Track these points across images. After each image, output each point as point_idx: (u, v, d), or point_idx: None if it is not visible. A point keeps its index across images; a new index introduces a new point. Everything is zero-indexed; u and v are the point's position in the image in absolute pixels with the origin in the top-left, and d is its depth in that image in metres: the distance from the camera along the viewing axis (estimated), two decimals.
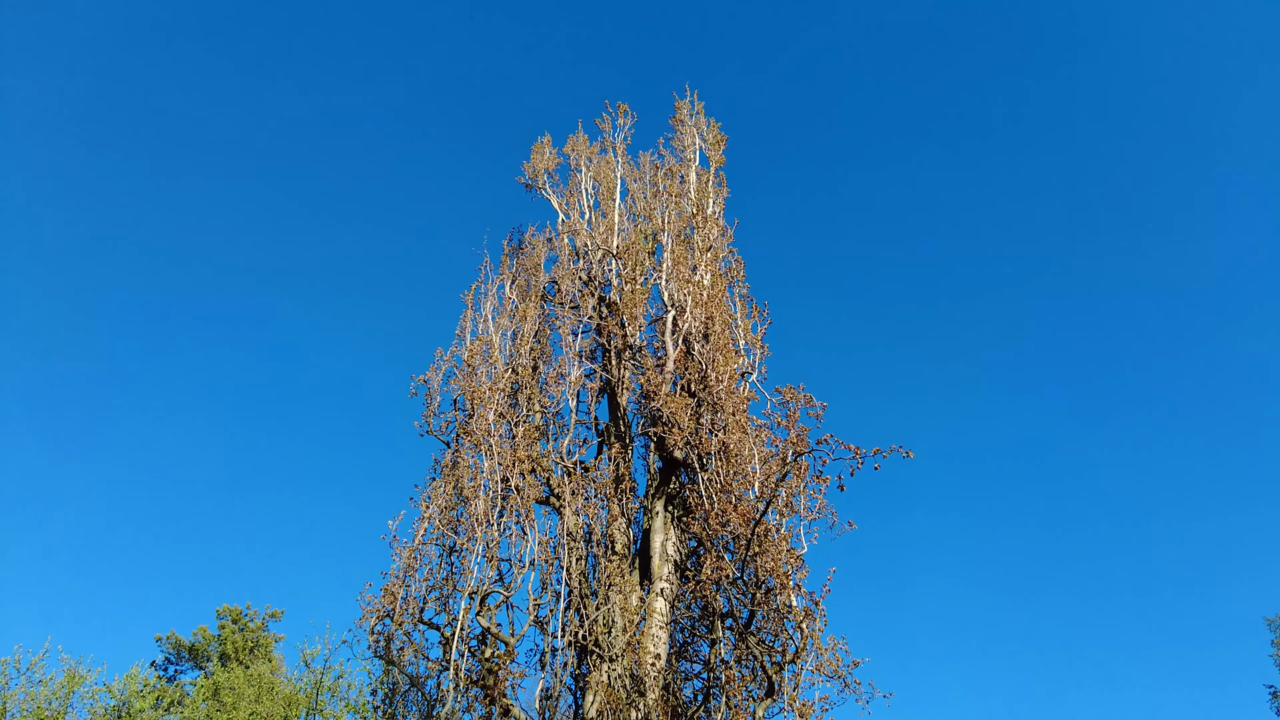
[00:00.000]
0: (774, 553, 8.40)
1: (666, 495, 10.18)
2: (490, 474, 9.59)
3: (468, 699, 7.98)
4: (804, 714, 8.24)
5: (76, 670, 21.10)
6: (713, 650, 8.82)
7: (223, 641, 27.56)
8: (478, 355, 11.27)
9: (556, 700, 8.02)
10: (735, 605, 8.80)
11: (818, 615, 8.60)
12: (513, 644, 8.34)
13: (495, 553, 8.99)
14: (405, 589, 8.67)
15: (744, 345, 11.53)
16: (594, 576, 9.18)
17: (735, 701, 8.35)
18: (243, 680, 18.73)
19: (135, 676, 20.94)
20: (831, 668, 8.68)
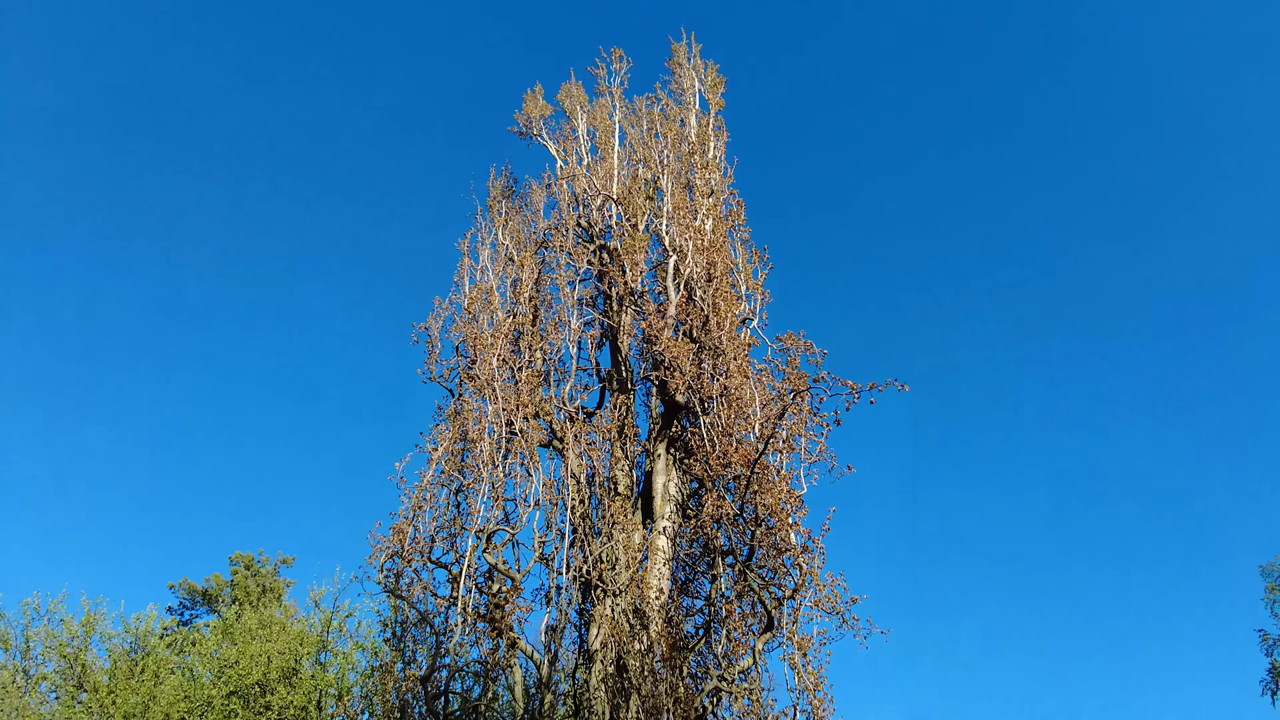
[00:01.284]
0: (773, 491, 8.56)
1: (668, 438, 10.32)
2: (494, 418, 9.71)
3: (475, 632, 8.23)
4: (802, 647, 8.48)
5: (95, 612, 21.69)
6: (714, 586, 9.06)
7: (235, 587, 28.19)
8: (478, 303, 11.29)
9: (561, 633, 8.27)
10: (735, 542, 9.00)
11: (816, 552, 8.80)
12: (519, 580, 8.56)
13: (501, 493, 9.17)
14: (414, 528, 8.87)
15: (745, 291, 11.53)
16: (597, 516, 9.37)
17: (735, 635, 8.60)
18: (255, 621, 19.21)
19: (151, 616, 21.50)
20: (830, 604, 8.91)
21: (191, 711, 17.07)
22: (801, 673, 8.20)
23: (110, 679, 19.57)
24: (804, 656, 8.40)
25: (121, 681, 18.44)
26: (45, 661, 22.30)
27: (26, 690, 22.35)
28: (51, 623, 21.83)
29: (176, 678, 18.96)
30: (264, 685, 17.32)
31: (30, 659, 22.74)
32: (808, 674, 8.23)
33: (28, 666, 22.85)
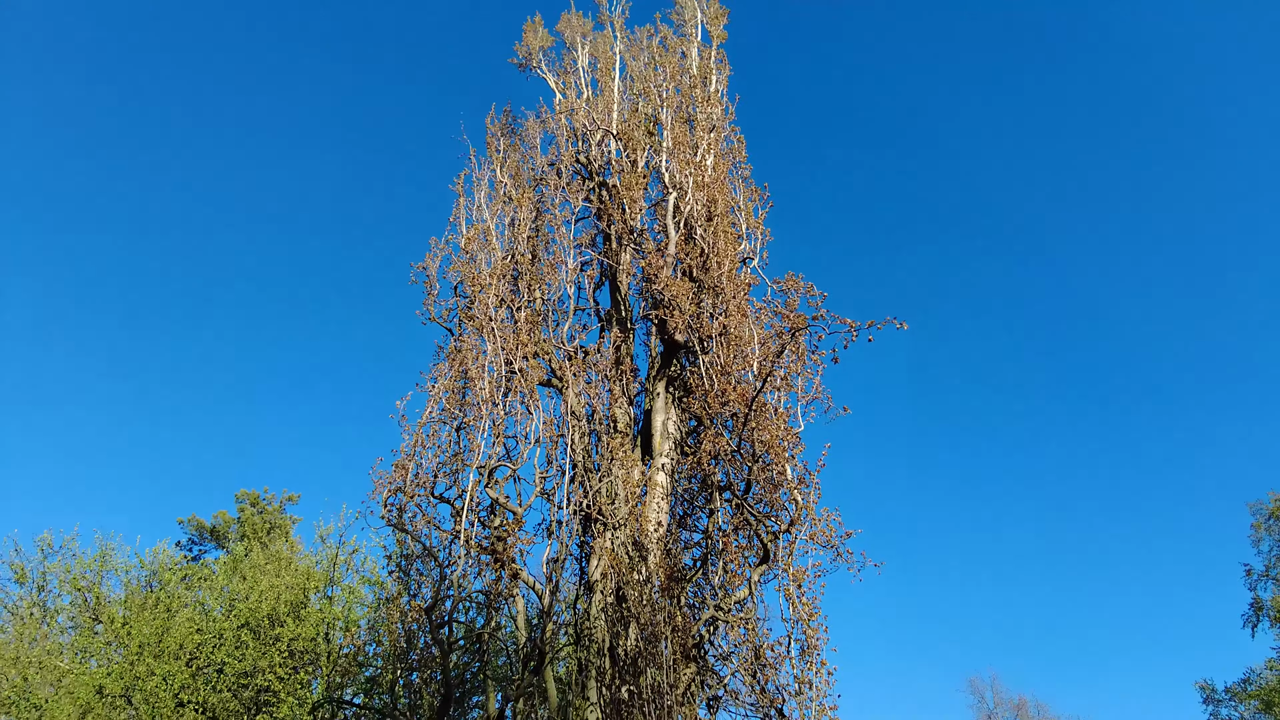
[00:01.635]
0: (770, 428, 8.66)
1: (668, 378, 10.38)
2: (494, 358, 9.75)
3: (478, 564, 8.43)
4: (797, 580, 8.70)
5: (109, 546, 22.18)
6: (711, 520, 9.24)
7: (242, 524, 28.77)
8: (475, 242, 11.21)
9: (562, 564, 8.47)
10: (733, 478, 9.15)
11: (811, 488, 8.96)
12: (520, 514, 8.72)
13: (502, 431, 9.27)
14: (415, 465, 9.00)
15: (745, 229, 11.44)
16: (597, 453, 9.49)
17: (732, 567, 8.81)
18: (262, 557, 19.64)
19: (163, 551, 22.01)
20: (825, 538, 9.11)
21: (204, 644, 17.60)
22: (796, 604, 8.43)
23: (125, 611, 20.13)
24: (799, 588, 8.63)
25: (136, 613, 18.94)
26: (62, 595, 22.93)
27: (45, 622, 23.03)
28: (66, 557, 22.37)
29: (189, 611, 19.49)
30: (273, 618, 17.82)
31: (47, 592, 23.37)
32: (802, 605, 8.46)
33: (45, 600, 23.50)
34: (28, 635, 21.58)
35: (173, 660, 17.03)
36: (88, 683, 17.10)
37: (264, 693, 17.43)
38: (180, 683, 16.79)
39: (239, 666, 17.29)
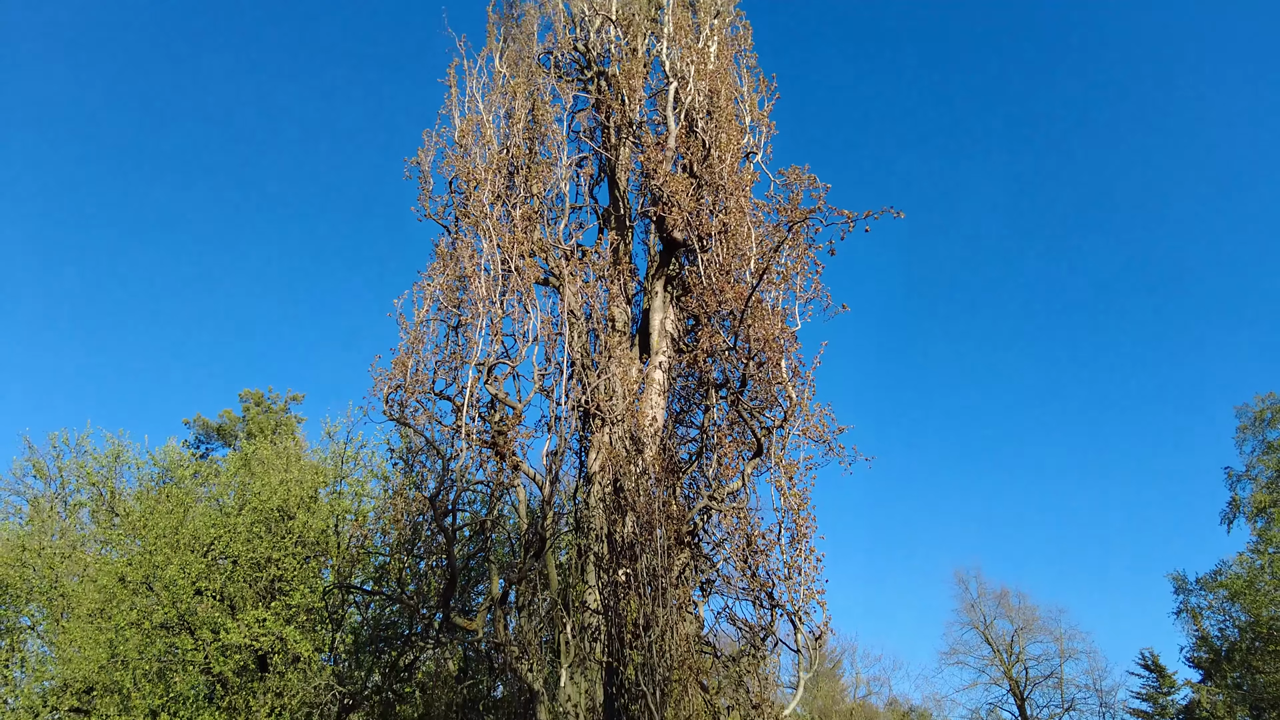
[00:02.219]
0: (767, 324, 8.72)
1: (666, 277, 10.35)
2: (490, 256, 9.69)
3: (480, 457, 8.65)
4: (789, 472, 8.97)
5: (121, 444, 22.69)
6: (706, 416, 9.43)
7: (248, 422, 29.29)
8: (469, 135, 10.91)
9: (561, 457, 8.69)
10: (729, 375, 9.28)
11: (806, 384, 9.11)
12: (520, 409, 8.89)
13: (499, 328, 9.33)
14: (414, 362, 9.09)
15: (749, 122, 11.14)
16: (595, 350, 9.58)
17: (726, 460, 9.06)
18: (270, 454, 20.09)
19: (174, 448, 22.52)
20: (818, 432, 9.33)
21: (219, 537, 18.24)
22: (787, 494, 8.73)
23: (140, 505, 20.78)
24: (790, 480, 8.91)
25: (151, 507, 19.56)
26: (80, 490, 23.63)
27: (65, 515, 23.82)
28: (80, 454, 22.92)
29: (202, 506, 20.11)
30: (284, 511, 18.40)
31: (65, 488, 24.07)
32: (793, 495, 8.75)
33: (65, 495, 24.23)
34: (50, 528, 22.38)
35: (189, 552, 17.70)
36: (111, 572, 17.84)
37: (278, 581, 18.21)
38: (197, 572, 17.52)
39: (252, 557, 17.99)
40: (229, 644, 16.15)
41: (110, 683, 16.11)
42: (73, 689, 16.77)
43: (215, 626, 16.95)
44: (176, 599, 16.81)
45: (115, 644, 16.37)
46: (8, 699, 18.74)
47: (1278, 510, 29.25)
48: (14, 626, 20.82)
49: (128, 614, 16.90)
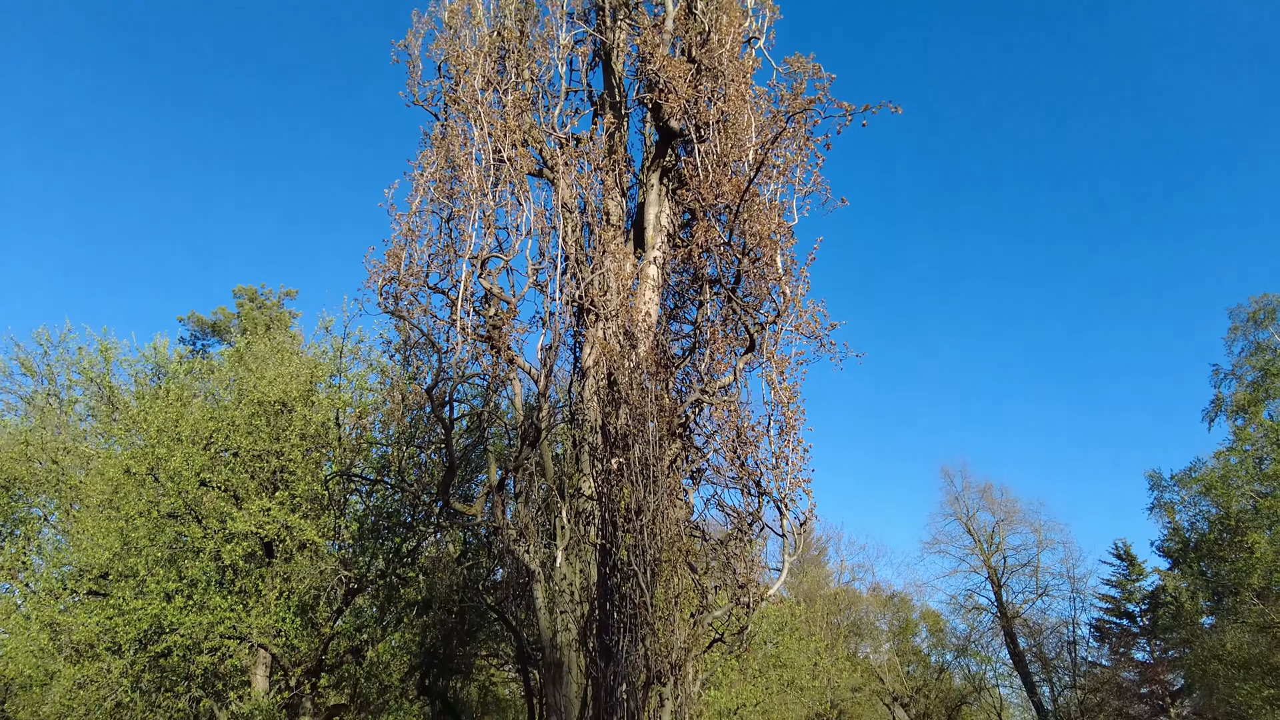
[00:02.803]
0: (763, 219, 8.65)
1: (662, 168, 10.16)
2: (481, 145, 9.46)
3: (475, 351, 8.74)
4: (780, 367, 9.10)
5: (109, 340, 22.69)
6: (700, 312, 9.47)
7: (242, 318, 29.30)
8: (459, 15, 10.43)
9: (556, 351, 8.78)
10: (723, 270, 9.27)
11: (800, 280, 9.12)
12: (514, 303, 8.91)
13: (492, 221, 9.22)
14: (408, 255, 9.03)
15: (751, 5, 10.66)
16: (589, 245, 9.51)
17: (718, 355, 9.17)
18: (267, 348, 20.17)
19: (165, 344, 22.57)
20: (810, 329, 9.41)
21: (219, 430, 18.53)
22: (777, 389, 8.89)
23: (138, 400, 21.01)
24: (781, 375, 9.05)
25: (149, 402, 19.79)
26: (74, 387, 23.79)
27: (61, 411, 24.08)
28: (68, 351, 22.98)
29: (200, 400, 20.33)
30: (284, 404, 18.65)
31: (56, 384, 24.23)
32: (783, 390, 8.92)
33: (57, 391, 24.41)
34: (50, 423, 22.67)
35: (189, 445, 18.04)
36: (116, 464, 18.23)
37: (280, 473, 18.67)
38: (200, 465, 17.92)
39: (254, 450, 18.37)
40: (236, 532, 16.73)
41: (124, 569, 16.77)
42: (89, 574, 17.47)
43: (222, 516, 17.51)
44: (182, 490, 17.29)
45: (126, 532, 16.94)
46: (29, 583, 19.54)
47: (1257, 409, 29.90)
48: (27, 517, 21.46)
49: (136, 504, 17.41)
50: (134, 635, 15.61)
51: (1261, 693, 27.19)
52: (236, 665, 17.31)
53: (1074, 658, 43.18)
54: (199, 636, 15.71)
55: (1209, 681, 31.33)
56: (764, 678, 22.47)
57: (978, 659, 45.60)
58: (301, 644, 17.29)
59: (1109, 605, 53.09)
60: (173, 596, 16.25)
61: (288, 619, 16.64)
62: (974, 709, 48.36)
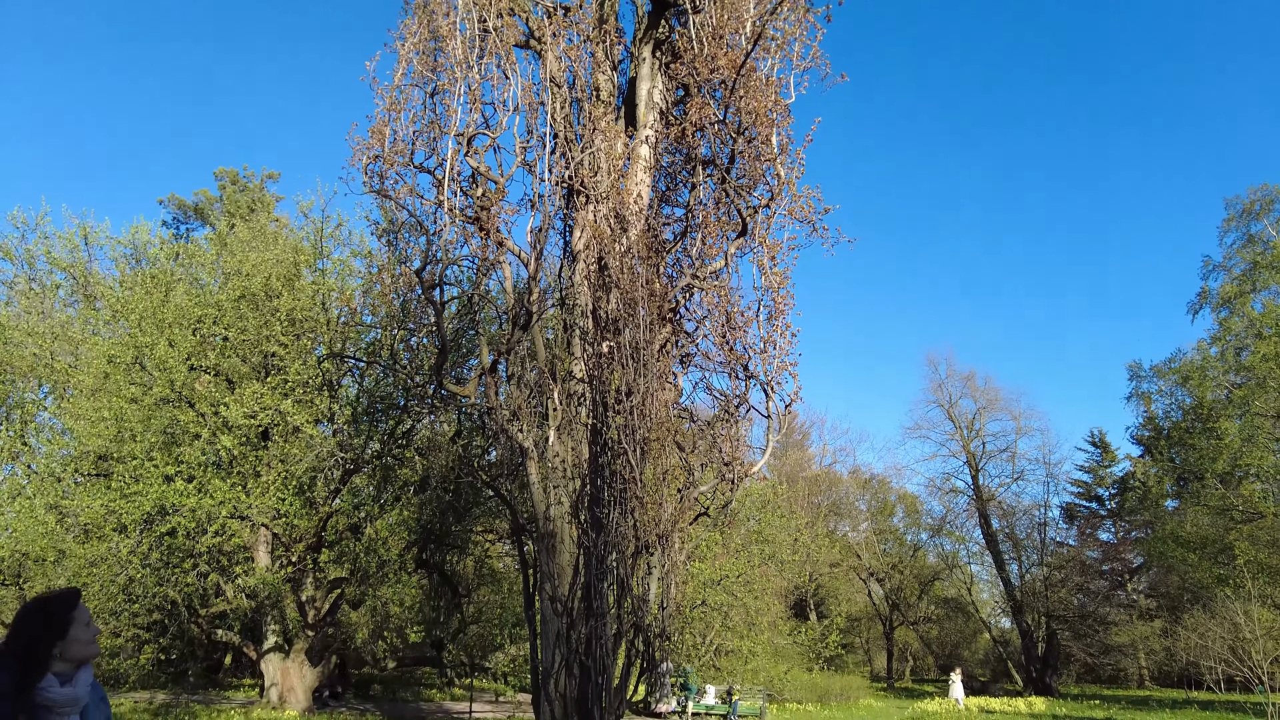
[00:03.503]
0: (759, 96, 8.37)
1: (655, 40, 9.71)
2: (465, 13, 8.98)
3: (463, 233, 8.61)
4: (771, 252, 9.05)
5: (87, 223, 22.18)
6: (692, 194, 9.31)
7: (224, 201, 28.59)
8: None
9: (545, 234, 8.67)
10: (717, 151, 9.04)
11: (795, 163, 8.93)
12: (502, 184, 8.71)
13: (478, 96, 8.89)
14: (392, 131, 8.74)
15: None
16: (579, 122, 9.21)
17: (710, 240, 9.08)
18: (249, 233, 19.81)
19: (145, 228, 22.09)
20: (803, 213, 9.29)
21: (204, 318, 18.44)
22: (768, 273, 8.87)
23: (119, 287, 20.77)
24: (772, 260, 9.01)
25: (130, 289, 19.57)
26: (54, 271, 23.42)
27: (44, 297, 23.82)
28: (47, 236, 22.47)
29: (184, 285, 20.11)
30: (269, 290, 18.51)
31: (37, 269, 23.82)
32: (774, 275, 8.90)
33: (39, 276, 24.05)
34: (33, 309, 22.44)
35: (174, 331, 17.99)
36: (100, 353, 18.21)
37: (270, 358, 18.75)
38: (187, 349, 17.93)
39: (243, 336, 18.37)
40: (230, 420, 16.96)
41: (121, 454, 17.07)
42: (89, 458, 17.79)
43: (215, 402, 17.70)
44: (171, 376, 17.37)
45: (120, 419, 17.14)
46: (31, 464, 19.89)
47: (1244, 300, 30.18)
48: (21, 400, 21.58)
49: (125, 391, 17.53)
50: (138, 517, 16.09)
51: (1214, 571, 28.83)
52: (240, 544, 17.95)
53: (1043, 538, 45.39)
54: (202, 518, 16.21)
55: (1166, 560, 33.15)
56: (746, 552, 23.59)
57: (952, 538, 47.90)
58: (301, 522, 17.91)
59: (1080, 490, 55.32)
60: (172, 479, 16.64)
61: (287, 499, 17.15)
62: (945, 584, 51.22)
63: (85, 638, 2.68)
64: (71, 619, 2.63)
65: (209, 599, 19.18)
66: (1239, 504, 28.62)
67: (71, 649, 2.64)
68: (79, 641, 2.67)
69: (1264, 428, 27.10)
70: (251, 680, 25.40)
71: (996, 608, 48.84)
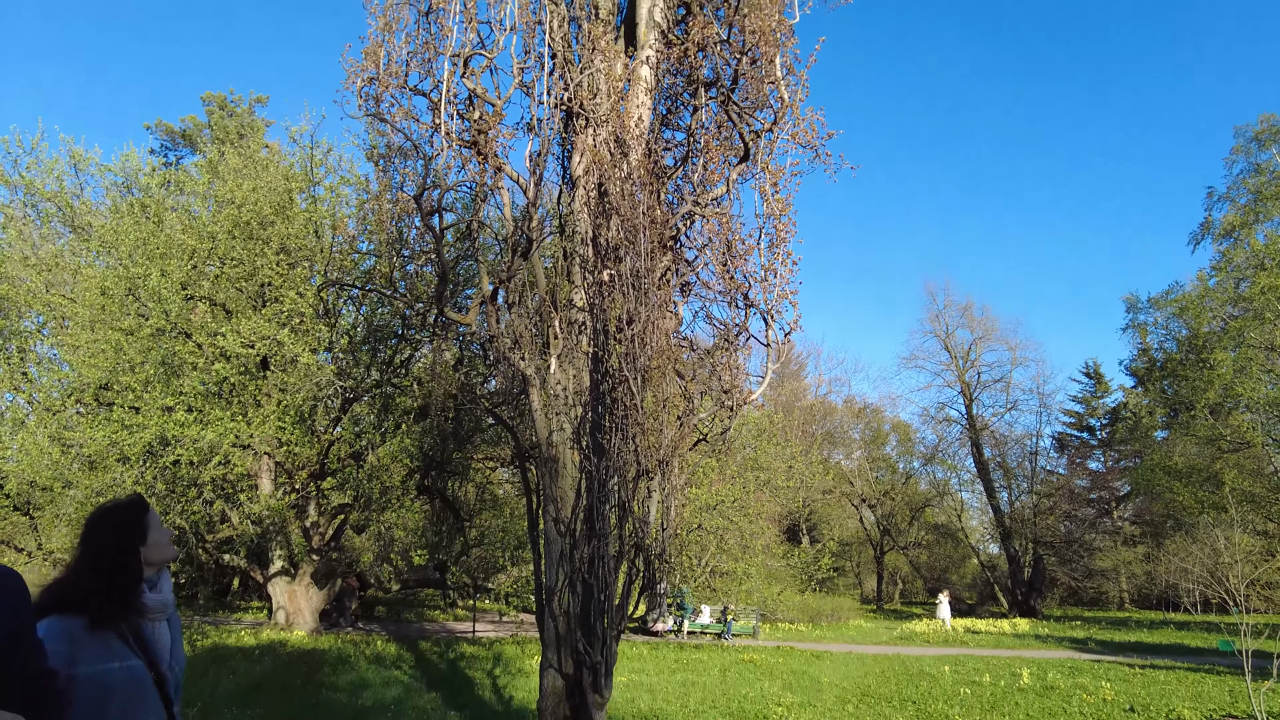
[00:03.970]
0: (763, 14, 8.12)
1: None
2: None
3: (460, 157, 8.46)
4: (774, 178, 8.92)
5: (78, 152, 21.71)
6: (694, 118, 9.12)
7: (213, 127, 27.90)
8: None
9: (544, 159, 8.52)
10: (720, 72, 8.82)
11: (799, 84, 8.72)
12: (499, 106, 8.51)
13: (473, 15, 8.59)
14: (386, 53, 8.49)
15: None
16: (577, 42, 8.93)
17: (711, 165, 8.94)
18: (239, 160, 19.43)
19: (135, 156, 21.64)
20: (807, 138, 9.12)
21: (199, 248, 18.25)
22: (770, 200, 8.76)
23: (110, 216, 20.46)
24: (774, 187, 8.89)
25: (120, 219, 19.28)
26: (43, 200, 23.02)
27: (39, 224, 23.48)
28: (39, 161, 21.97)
29: (175, 215, 19.84)
30: (262, 220, 18.28)
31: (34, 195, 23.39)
32: (776, 201, 8.80)
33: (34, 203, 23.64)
34: (27, 237, 22.14)
35: (166, 261, 17.83)
36: (94, 285, 18.07)
37: (266, 288, 18.66)
38: (181, 278, 17.81)
39: (237, 266, 18.23)
40: (228, 350, 16.98)
41: (121, 385, 17.14)
42: (89, 390, 17.87)
43: (212, 332, 17.68)
44: (165, 306, 17.30)
45: (118, 350, 17.14)
46: (33, 395, 19.99)
47: (1248, 231, 29.96)
48: (18, 330, 21.53)
49: (122, 322, 17.48)
50: (140, 448, 16.28)
51: (1197, 496, 29.47)
52: (243, 472, 18.22)
53: (1034, 467, 46.23)
54: (204, 448, 16.40)
55: (1153, 489, 33.85)
56: (742, 478, 24.05)
57: (944, 466, 48.76)
58: (303, 450, 18.16)
59: (1072, 420, 56.06)
60: (172, 410, 16.77)
61: (288, 428, 17.34)
62: (935, 511, 52.42)
63: (163, 540, 2.68)
64: (148, 523, 2.62)
65: (215, 526, 19.61)
66: (1227, 434, 29.08)
67: (153, 553, 2.63)
68: (159, 545, 2.66)
69: (1257, 359, 27.30)
70: (259, 603, 26.20)
71: (985, 534, 50.12)
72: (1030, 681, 15.26)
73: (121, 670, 2.42)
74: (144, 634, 2.57)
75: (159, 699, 2.53)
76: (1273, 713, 12.20)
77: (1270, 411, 27.39)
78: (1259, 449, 28.12)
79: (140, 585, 2.54)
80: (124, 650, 2.46)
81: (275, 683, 11.86)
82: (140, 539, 2.57)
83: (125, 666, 2.44)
